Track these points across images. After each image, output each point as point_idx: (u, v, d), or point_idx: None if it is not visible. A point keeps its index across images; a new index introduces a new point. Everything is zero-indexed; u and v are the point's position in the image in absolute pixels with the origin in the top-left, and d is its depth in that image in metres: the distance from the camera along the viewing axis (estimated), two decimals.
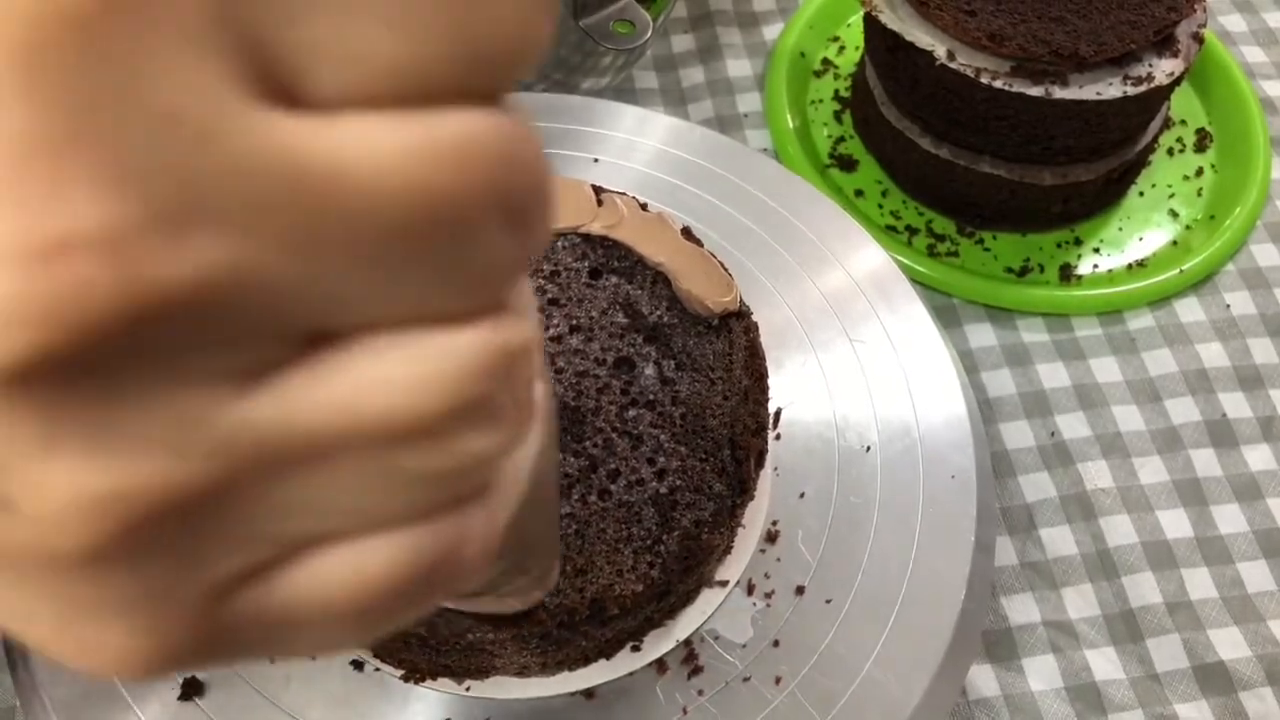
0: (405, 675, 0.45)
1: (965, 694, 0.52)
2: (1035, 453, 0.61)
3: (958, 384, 0.53)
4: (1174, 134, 0.74)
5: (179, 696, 0.43)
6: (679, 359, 0.46)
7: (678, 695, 0.45)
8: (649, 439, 0.44)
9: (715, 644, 0.46)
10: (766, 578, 0.48)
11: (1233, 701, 0.53)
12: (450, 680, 0.45)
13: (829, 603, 0.47)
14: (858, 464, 0.51)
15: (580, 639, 0.42)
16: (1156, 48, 0.62)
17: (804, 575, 0.48)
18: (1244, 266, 0.68)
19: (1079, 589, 0.56)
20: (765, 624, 0.46)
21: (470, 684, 0.45)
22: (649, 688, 0.45)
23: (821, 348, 0.54)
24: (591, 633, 0.42)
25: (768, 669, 0.45)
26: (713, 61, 0.78)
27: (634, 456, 0.43)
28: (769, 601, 0.47)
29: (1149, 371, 0.64)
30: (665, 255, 0.47)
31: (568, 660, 0.45)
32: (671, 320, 0.47)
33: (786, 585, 0.48)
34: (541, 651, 0.43)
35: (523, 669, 0.45)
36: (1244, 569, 0.57)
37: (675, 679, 0.45)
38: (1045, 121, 0.62)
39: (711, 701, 0.44)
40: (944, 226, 0.70)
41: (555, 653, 0.43)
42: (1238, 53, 0.79)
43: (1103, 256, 0.69)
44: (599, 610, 0.40)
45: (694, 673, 0.45)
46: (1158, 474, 0.60)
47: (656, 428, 0.44)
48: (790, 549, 0.49)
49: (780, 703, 0.44)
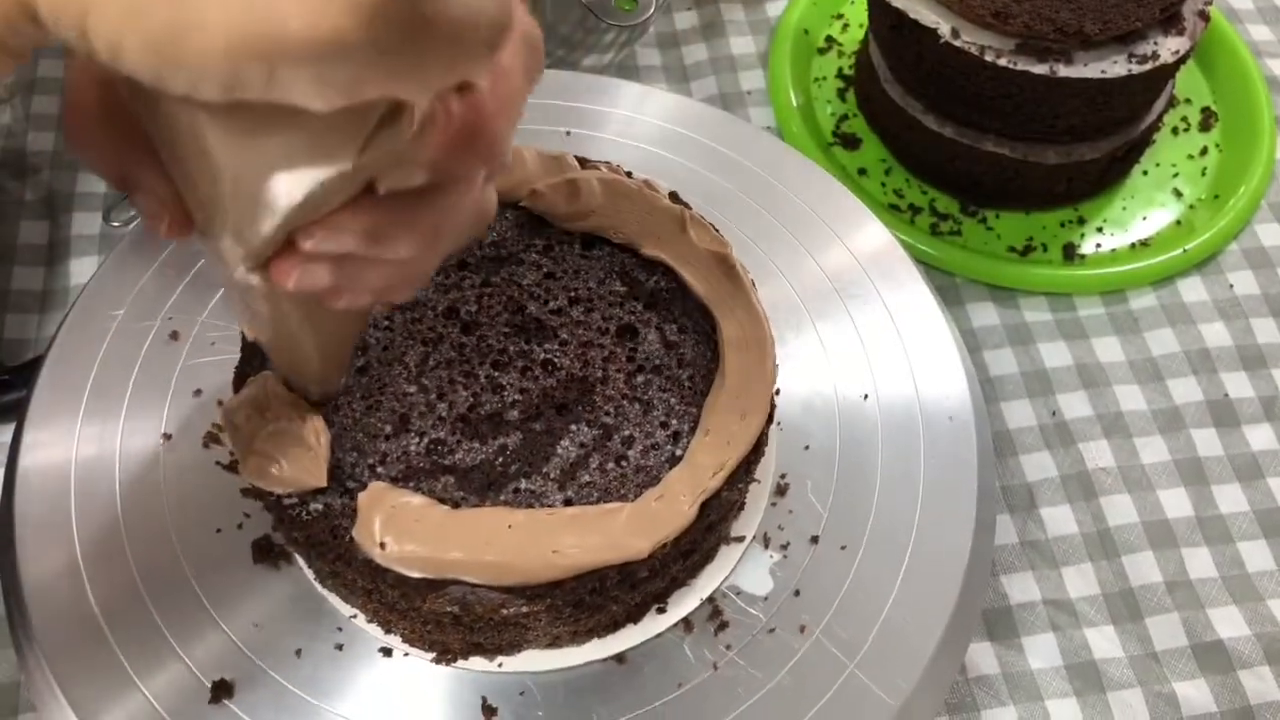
0: (436, 657, 0.45)
1: (965, 672, 0.53)
2: (1037, 432, 0.61)
3: (960, 363, 0.53)
4: (1179, 113, 0.74)
5: (210, 699, 0.43)
6: (680, 322, 0.46)
7: (706, 652, 0.45)
8: (659, 403, 0.44)
9: (738, 599, 0.47)
10: (780, 530, 0.49)
11: (1231, 680, 0.53)
12: (482, 658, 0.45)
13: (844, 549, 0.48)
14: (858, 416, 0.51)
15: (610, 604, 0.43)
16: (1162, 25, 0.61)
17: (817, 525, 0.49)
18: (1248, 246, 0.68)
19: (1079, 568, 0.56)
20: (784, 575, 0.47)
21: (502, 660, 0.45)
22: (677, 647, 0.46)
23: (824, 326, 0.54)
24: (621, 597, 0.43)
25: (791, 619, 0.46)
26: (716, 39, 0.77)
27: (646, 421, 0.44)
28: (785, 553, 0.48)
29: (1151, 351, 0.64)
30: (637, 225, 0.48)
31: (597, 628, 0.45)
32: (670, 285, 0.47)
33: (801, 536, 0.48)
34: (574, 620, 0.43)
35: (554, 640, 0.45)
36: (1244, 548, 0.57)
37: (702, 636, 0.46)
38: (1049, 100, 0.61)
39: (740, 655, 0.45)
40: (947, 205, 0.69)
41: (586, 620, 0.44)
42: (1244, 30, 0.78)
43: (1106, 236, 0.68)
44: (629, 573, 0.41)
45: (720, 629, 0.46)
46: (1159, 453, 0.60)
47: (665, 391, 0.44)
48: (801, 500, 0.49)
49: (806, 650, 0.45)
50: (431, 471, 0.42)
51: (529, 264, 0.48)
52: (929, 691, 0.45)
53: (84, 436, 0.49)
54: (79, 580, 0.45)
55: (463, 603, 0.40)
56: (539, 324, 0.45)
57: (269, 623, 0.45)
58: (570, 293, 0.47)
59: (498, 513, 0.40)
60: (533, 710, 0.44)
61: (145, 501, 0.47)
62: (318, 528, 0.41)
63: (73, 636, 0.44)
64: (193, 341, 0.52)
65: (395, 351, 0.44)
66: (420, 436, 0.42)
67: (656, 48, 0.77)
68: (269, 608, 0.45)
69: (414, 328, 0.45)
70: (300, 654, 0.44)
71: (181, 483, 0.48)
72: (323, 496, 0.41)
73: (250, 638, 0.44)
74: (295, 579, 0.46)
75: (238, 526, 0.47)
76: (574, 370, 0.44)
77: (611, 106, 0.62)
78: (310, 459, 0.40)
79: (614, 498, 0.42)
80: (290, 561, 0.47)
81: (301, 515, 0.41)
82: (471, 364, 0.44)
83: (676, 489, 0.42)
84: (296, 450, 0.40)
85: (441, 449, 0.42)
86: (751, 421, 0.43)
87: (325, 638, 0.45)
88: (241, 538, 0.47)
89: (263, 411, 0.41)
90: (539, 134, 0.60)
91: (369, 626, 0.45)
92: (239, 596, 0.45)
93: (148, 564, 0.46)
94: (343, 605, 0.46)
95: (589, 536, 0.40)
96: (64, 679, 0.43)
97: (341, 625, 0.45)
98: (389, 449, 0.42)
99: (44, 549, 0.46)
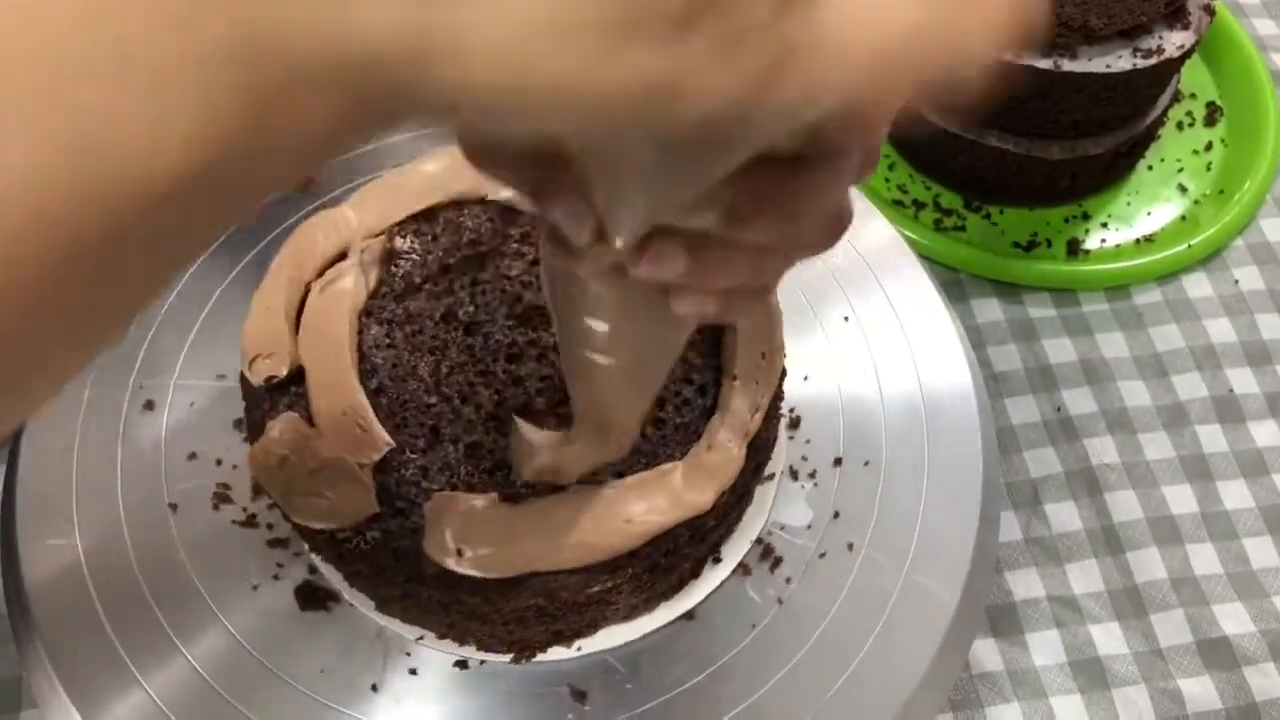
0: (515, 657, 0.45)
1: (969, 668, 0.53)
2: (1041, 428, 0.60)
3: (964, 359, 0.53)
4: (1184, 107, 0.74)
5: None
6: None
7: (769, 589, 0.47)
8: (682, 362, 0.45)
9: (784, 533, 0.48)
10: (804, 460, 0.50)
11: (1236, 676, 0.53)
12: (560, 647, 0.45)
13: (867, 464, 0.49)
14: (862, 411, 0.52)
15: (682, 562, 0.44)
16: (1167, 19, 0.61)
17: (835, 448, 0.50)
18: (1253, 242, 0.68)
19: (1083, 564, 0.56)
20: (820, 501, 0.49)
21: (580, 644, 0.45)
22: (741, 592, 0.47)
23: (827, 322, 0.54)
24: (690, 552, 0.43)
25: (839, 539, 0.48)
26: None
27: (672, 382, 0.44)
28: (815, 480, 0.49)
29: (1156, 347, 0.64)
30: None
31: (667, 590, 0.46)
32: None
33: (824, 461, 0.50)
34: (650, 585, 0.44)
35: (631, 611, 0.45)
36: (1249, 544, 0.57)
37: (761, 576, 0.47)
38: (1054, 95, 0.61)
39: (800, 585, 0.46)
40: (951, 201, 0.69)
41: (660, 583, 0.44)
42: (1249, 25, 0.78)
43: (1111, 231, 0.68)
44: (697, 527, 0.41)
45: (775, 565, 0.47)
46: (1163, 450, 0.60)
47: (688, 349, 0.45)
48: (816, 428, 0.51)
49: (860, 565, 0.47)
50: (478, 474, 0.42)
51: (511, 254, 0.47)
52: (932, 688, 0.45)
53: (83, 530, 0.46)
54: (118, 656, 0.43)
55: (547, 592, 0.40)
56: (540, 310, 0.45)
57: (335, 666, 0.44)
58: None
59: (561, 498, 0.41)
60: (621, 685, 0.44)
61: (169, 574, 0.45)
62: (380, 555, 0.40)
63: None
64: (170, 407, 0.50)
65: (405, 368, 0.44)
66: (455, 444, 0.42)
67: None
68: (330, 651, 0.44)
69: (416, 340, 0.45)
70: (376, 688, 0.44)
71: (200, 549, 0.46)
72: (377, 524, 0.41)
73: (319, 684, 0.44)
74: (348, 616, 0.45)
75: (273, 578, 0.46)
76: None
77: None
78: (358, 488, 0.40)
79: (662, 460, 0.42)
80: (338, 600, 0.46)
81: (359, 546, 0.40)
82: (485, 363, 0.44)
83: (722, 436, 0.43)
84: (342, 483, 0.40)
85: (480, 451, 0.42)
86: (774, 359, 0.45)
87: (397, 666, 0.44)
88: (281, 588, 0.46)
89: (299, 451, 0.41)
90: None
91: (440, 644, 0.45)
92: (296, 647, 0.44)
93: (189, 635, 0.44)
94: (406, 629, 0.45)
95: (655, 499, 0.41)
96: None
97: (409, 650, 0.45)
98: (428, 463, 0.42)
99: (70, 625, 0.44)
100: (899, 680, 0.44)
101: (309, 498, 0.40)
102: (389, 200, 0.48)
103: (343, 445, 0.41)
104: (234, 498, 0.47)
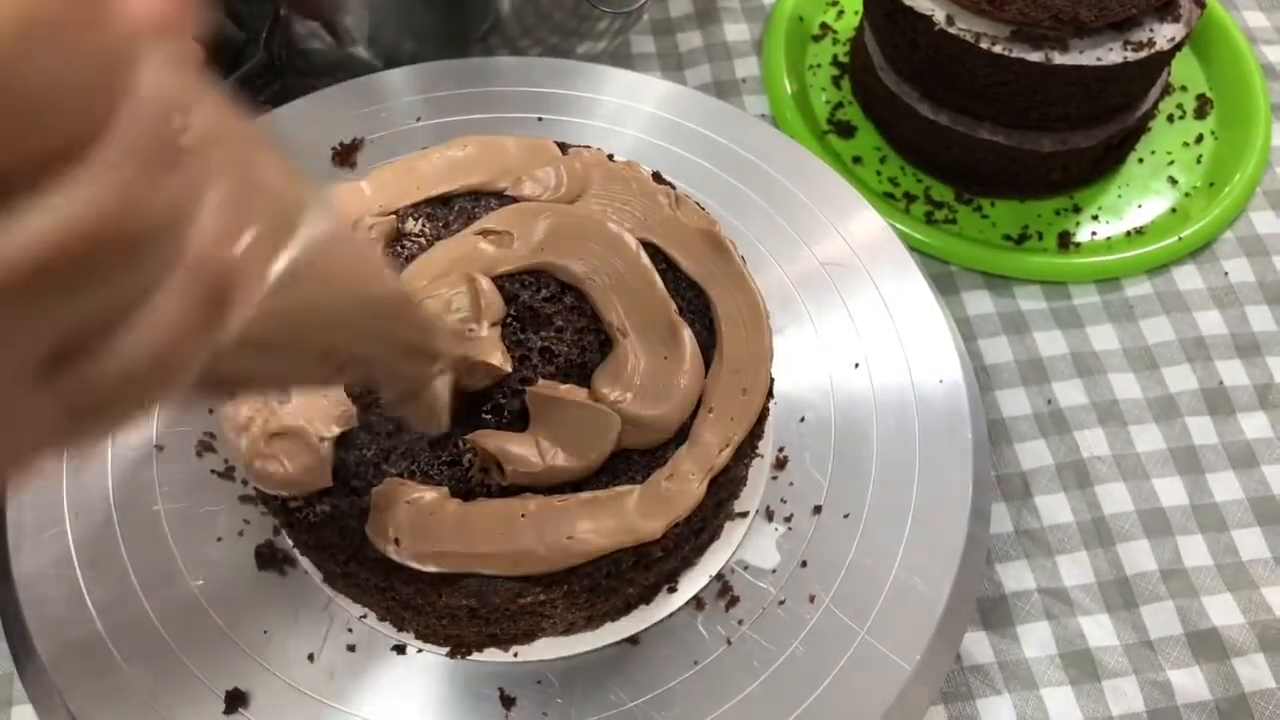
0: (451, 652, 0.45)
1: (960, 660, 0.53)
2: (1032, 420, 0.61)
3: (955, 351, 0.53)
4: (1174, 100, 0.74)
5: (224, 710, 0.42)
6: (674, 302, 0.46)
7: (719, 628, 0.46)
8: None
9: (746, 573, 0.47)
10: (783, 502, 0.49)
11: (1225, 668, 0.53)
12: (497, 650, 0.45)
13: (846, 517, 0.48)
14: (853, 403, 0.51)
15: (625, 586, 0.43)
16: (1158, 12, 0.61)
17: (818, 495, 0.49)
18: (1243, 234, 0.68)
19: (1074, 556, 0.56)
20: (790, 547, 0.48)
21: (517, 650, 0.45)
22: (690, 625, 0.46)
23: (818, 315, 0.54)
24: (635, 578, 0.43)
25: (800, 589, 0.46)
26: (710, 26, 0.77)
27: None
28: (790, 525, 0.48)
29: (1146, 339, 0.64)
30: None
31: (611, 611, 0.45)
32: (660, 265, 0.46)
33: (803, 507, 0.49)
34: (589, 605, 0.43)
35: (569, 627, 0.45)
36: (1239, 536, 0.57)
37: (714, 613, 0.46)
38: (1045, 87, 0.61)
39: (752, 628, 0.45)
40: (942, 193, 0.69)
41: (601, 604, 0.44)
42: (1239, 17, 0.78)
43: (1101, 224, 0.68)
44: (643, 554, 0.41)
45: (731, 604, 0.46)
46: (1154, 442, 0.60)
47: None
48: (801, 472, 0.50)
49: (818, 620, 0.46)
50: (438, 466, 0.42)
51: None
52: (924, 681, 0.45)
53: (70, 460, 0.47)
54: (78, 591, 0.45)
55: (479, 595, 0.40)
56: (533, 312, 0.45)
57: (278, 629, 0.44)
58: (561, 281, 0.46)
59: (510, 503, 0.40)
60: (551, 698, 0.44)
61: (141, 515, 0.47)
62: (326, 529, 0.40)
63: (78, 657, 0.43)
64: None
65: None
66: (422, 433, 0.42)
67: (651, 35, 0.77)
68: (277, 614, 0.45)
69: None
70: (313, 658, 0.44)
71: (177, 494, 0.47)
72: (329, 497, 0.41)
73: (260, 645, 0.44)
74: (301, 582, 0.46)
75: (238, 534, 0.46)
76: (571, 356, 0.44)
77: (605, 94, 0.61)
78: (314, 460, 0.40)
79: (623, 481, 0.42)
80: (294, 565, 0.46)
81: (308, 517, 0.41)
82: None
83: (685, 468, 0.42)
84: (299, 452, 0.40)
85: (447, 443, 0.42)
86: (753, 397, 0.43)
87: (337, 640, 0.45)
88: (243, 545, 0.46)
89: (264, 413, 0.41)
90: (526, 122, 0.60)
91: (381, 625, 0.45)
92: (245, 604, 0.45)
93: (149, 577, 0.45)
94: (352, 605, 0.45)
95: (602, 520, 0.40)
96: (55, 664, 0.43)
97: (352, 626, 0.45)
98: (391, 446, 0.42)
99: (40, 555, 0.45)
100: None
101: (265, 461, 0.40)
102: (406, 181, 0.48)
103: (307, 414, 0.41)
104: (217, 448, 0.48)
